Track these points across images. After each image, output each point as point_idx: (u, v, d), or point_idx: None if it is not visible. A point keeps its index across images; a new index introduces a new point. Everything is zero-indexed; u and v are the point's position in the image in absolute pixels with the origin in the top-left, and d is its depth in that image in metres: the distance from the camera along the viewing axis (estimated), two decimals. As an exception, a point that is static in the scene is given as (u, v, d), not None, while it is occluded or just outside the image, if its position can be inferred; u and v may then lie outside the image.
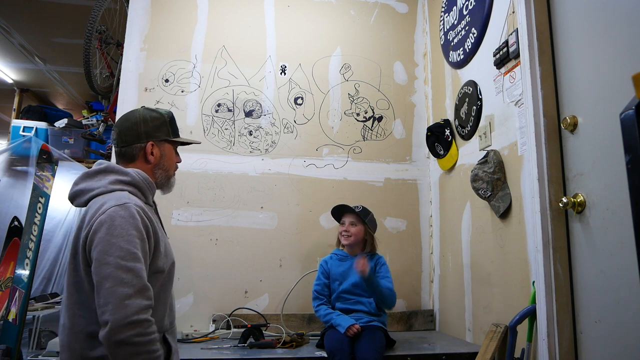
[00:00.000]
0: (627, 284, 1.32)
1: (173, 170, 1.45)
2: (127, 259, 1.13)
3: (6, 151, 2.91)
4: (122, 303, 1.08)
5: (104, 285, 1.10)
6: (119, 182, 1.29)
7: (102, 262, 1.12)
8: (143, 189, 1.33)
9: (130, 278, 1.11)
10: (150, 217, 1.26)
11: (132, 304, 1.09)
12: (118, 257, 1.12)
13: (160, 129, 1.41)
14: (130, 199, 1.23)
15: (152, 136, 1.39)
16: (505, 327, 1.80)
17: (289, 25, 2.86)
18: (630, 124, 0.72)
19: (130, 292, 1.10)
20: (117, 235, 1.14)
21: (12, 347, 1.77)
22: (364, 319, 2.04)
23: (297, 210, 2.67)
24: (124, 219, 1.17)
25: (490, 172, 1.93)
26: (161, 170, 1.40)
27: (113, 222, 1.16)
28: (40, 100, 5.23)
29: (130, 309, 1.08)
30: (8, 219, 2.18)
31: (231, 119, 2.72)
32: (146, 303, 1.12)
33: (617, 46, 1.38)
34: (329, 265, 2.19)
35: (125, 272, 1.11)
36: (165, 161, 1.41)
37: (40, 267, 2.94)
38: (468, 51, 2.28)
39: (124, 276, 1.11)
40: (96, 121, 3.39)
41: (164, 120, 1.43)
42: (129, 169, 1.33)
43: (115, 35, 3.16)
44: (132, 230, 1.16)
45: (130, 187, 1.30)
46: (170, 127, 1.43)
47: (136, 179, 1.31)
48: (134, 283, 1.11)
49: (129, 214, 1.18)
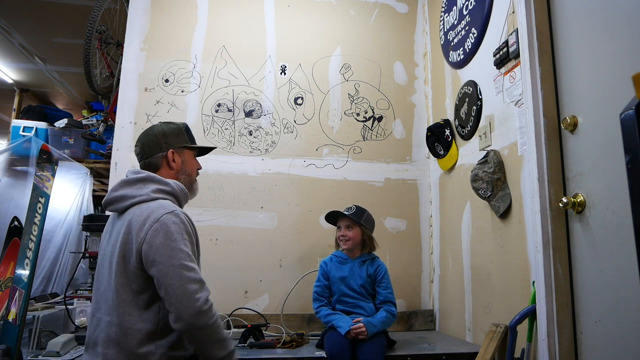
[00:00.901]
0: (627, 284, 1.32)
1: (195, 175, 1.56)
2: (188, 259, 1.28)
3: (6, 151, 2.90)
4: (193, 297, 1.24)
5: (173, 285, 1.25)
6: (161, 191, 1.41)
7: (167, 264, 1.26)
8: (180, 198, 1.46)
9: (194, 276, 1.28)
10: (193, 224, 1.39)
11: (201, 298, 1.26)
12: (180, 259, 1.27)
13: (178, 137, 1.52)
14: (175, 207, 1.37)
15: (172, 144, 1.50)
16: (505, 327, 1.80)
17: (289, 25, 2.87)
18: (630, 124, 0.72)
19: (197, 287, 1.26)
20: (175, 240, 1.29)
21: (12, 347, 1.77)
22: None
23: (297, 210, 2.67)
24: (177, 225, 1.31)
25: (490, 172, 1.93)
26: (184, 176, 1.52)
27: (169, 229, 1.29)
28: (40, 100, 5.23)
29: (200, 302, 1.25)
30: (8, 219, 2.17)
31: (231, 119, 2.72)
32: (207, 294, 1.29)
33: (617, 46, 1.38)
34: (328, 267, 2.19)
35: (189, 271, 1.27)
36: (186, 167, 1.53)
37: (40, 267, 2.93)
38: (468, 51, 2.28)
39: (191, 275, 1.27)
40: (96, 121, 3.39)
41: (181, 129, 1.55)
42: (169, 180, 1.45)
43: (115, 35, 3.16)
44: (186, 235, 1.31)
45: (170, 196, 1.42)
46: (187, 135, 1.55)
47: (175, 189, 1.44)
48: (197, 279, 1.28)
49: (180, 221, 1.32)
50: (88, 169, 3.27)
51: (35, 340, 1.98)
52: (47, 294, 2.69)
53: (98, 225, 2.20)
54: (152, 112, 2.66)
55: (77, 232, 3.13)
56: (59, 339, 1.87)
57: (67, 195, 3.19)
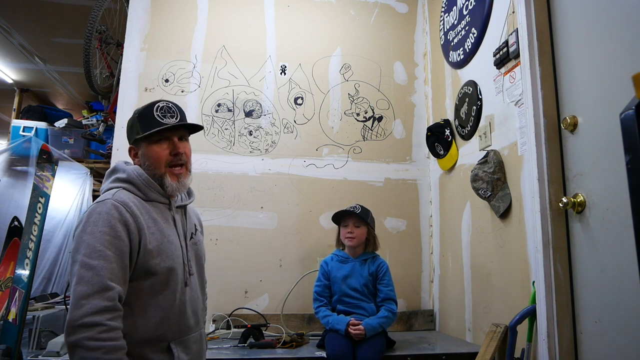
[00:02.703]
0: (627, 284, 1.32)
1: (163, 166, 1.31)
2: (92, 256, 1.10)
3: (6, 151, 2.90)
4: (78, 302, 1.05)
5: (71, 283, 1.09)
6: (117, 179, 1.29)
7: (72, 259, 1.12)
8: (139, 185, 1.28)
9: (90, 276, 1.07)
10: (137, 213, 1.21)
11: (87, 304, 1.04)
12: (84, 254, 1.10)
13: (132, 131, 1.35)
14: (114, 195, 1.21)
15: (130, 140, 1.37)
16: (505, 327, 1.80)
17: (289, 25, 2.86)
18: (630, 124, 0.72)
19: (87, 291, 1.06)
20: (88, 232, 1.13)
21: (12, 347, 1.77)
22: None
23: (297, 210, 2.67)
24: (99, 215, 1.15)
25: (490, 172, 1.93)
26: (149, 170, 1.31)
27: (88, 219, 1.15)
28: (40, 100, 5.23)
29: (84, 310, 1.04)
30: (8, 219, 2.17)
31: (231, 119, 2.72)
32: (104, 304, 1.05)
33: (617, 46, 1.38)
34: (329, 267, 2.19)
35: (87, 270, 1.08)
36: (147, 160, 1.32)
37: (40, 267, 2.93)
38: (468, 51, 2.28)
39: (85, 274, 1.08)
40: (96, 121, 3.39)
41: (134, 120, 1.35)
42: (129, 167, 1.32)
43: (115, 35, 3.16)
44: (104, 227, 1.13)
45: (126, 184, 1.28)
46: (139, 124, 1.32)
47: (132, 176, 1.29)
48: (93, 282, 1.07)
49: (105, 210, 1.16)
50: (88, 169, 3.27)
51: (35, 340, 1.99)
52: (47, 294, 2.69)
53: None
54: (152, 112, 2.65)
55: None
56: (59, 339, 1.87)
57: (67, 195, 3.19)
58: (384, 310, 2.03)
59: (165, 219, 1.30)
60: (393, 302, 2.08)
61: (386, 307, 2.05)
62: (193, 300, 1.32)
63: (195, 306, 1.33)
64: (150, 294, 1.20)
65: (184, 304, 1.27)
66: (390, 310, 2.04)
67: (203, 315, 1.41)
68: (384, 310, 2.04)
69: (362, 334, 1.91)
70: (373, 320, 1.98)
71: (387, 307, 2.05)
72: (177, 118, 1.35)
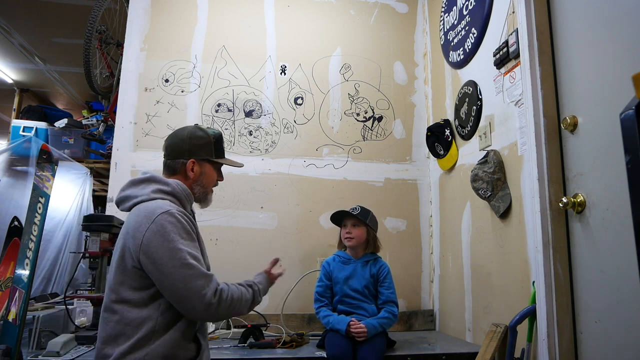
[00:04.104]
0: (627, 284, 1.32)
1: (211, 187, 1.53)
2: (188, 258, 1.27)
3: (6, 151, 2.90)
4: (200, 294, 1.25)
5: (177, 286, 1.24)
6: (160, 191, 1.39)
7: (169, 266, 1.25)
8: (181, 199, 1.42)
9: (197, 272, 1.27)
10: (192, 221, 1.38)
11: (207, 293, 1.26)
12: (180, 259, 1.26)
13: (203, 148, 1.49)
14: (172, 206, 1.34)
15: (195, 154, 1.48)
16: (505, 327, 1.80)
17: (289, 25, 2.87)
18: (630, 124, 0.72)
19: (202, 283, 1.27)
20: (172, 240, 1.27)
21: (12, 347, 1.77)
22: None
23: (297, 210, 2.67)
24: (173, 225, 1.29)
25: (490, 172, 1.93)
26: (199, 187, 1.49)
27: (165, 229, 1.28)
28: (40, 100, 5.23)
29: (208, 297, 1.26)
30: (8, 219, 2.17)
31: (231, 119, 2.72)
32: (215, 285, 1.30)
33: (617, 46, 1.38)
34: (331, 267, 2.19)
35: (191, 269, 1.26)
36: (204, 179, 1.49)
37: (40, 267, 2.93)
38: (468, 51, 2.28)
39: (191, 272, 1.26)
40: (96, 121, 3.39)
41: (209, 140, 1.50)
42: (170, 180, 1.43)
43: (115, 35, 3.16)
44: (184, 233, 1.30)
45: (170, 197, 1.40)
46: (214, 148, 1.51)
47: (176, 190, 1.41)
48: (200, 274, 1.27)
49: (176, 220, 1.30)
50: (88, 169, 3.27)
51: (35, 340, 1.98)
52: (47, 294, 2.69)
53: (98, 226, 2.20)
54: (152, 112, 2.66)
55: (77, 232, 3.12)
56: (59, 339, 1.87)
57: (67, 195, 3.18)
58: (384, 312, 2.03)
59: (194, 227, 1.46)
60: (394, 305, 2.08)
61: (387, 309, 2.05)
62: None
63: None
64: None
65: None
66: (391, 312, 2.04)
67: None
68: (384, 312, 2.04)
69: (364, 333, 1.90)
70: (374, 320, 1.98)
71: (388, 309, 2.05)
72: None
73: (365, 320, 1.96)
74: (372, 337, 1.93)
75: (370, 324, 1.94)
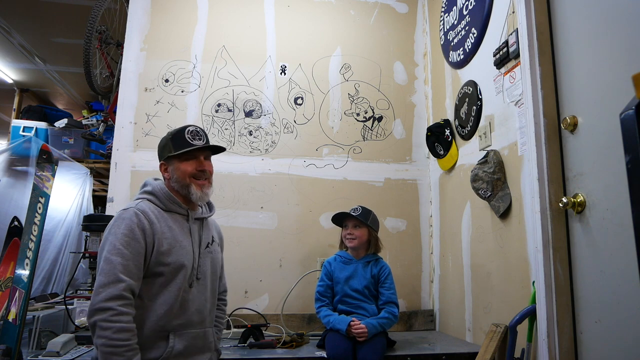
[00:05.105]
0: (627, 284, 1.32)
1: (187, 179, 1.54)
2: (112, 252, 1.32)
3: (6, 151, 2.90)
4: (97, 290, 1.28)
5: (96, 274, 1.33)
6: (145, 192, 1.54)
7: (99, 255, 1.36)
8: (160, 197, 1.52)
9: (108, 269, 1.30)
10: (154, 220, 1.44)
11: (103, 292, 1.27)
12: (107, 250, 1.34)
13: (165, 148, 1.57)
14: (137, 205, 1.44)
15: (161, 157, 1.60)
16: (505, 327, 1.80)
17: (289, 25, 2.86)
18: (630, 124, 0.72)
19: (104, 281, 1.29)
20: (112, 233, 1.37)
21: (12, 347, 1.77)
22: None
23: (297, 210, 2.67)
24: (121, 220, 1.39)
25: (490, 172, 1.93)
26: (176, 183, 1.55)
27: (114, 223, 1.39)
28: (40, 100, 5.23)
29: (100, 296, 1.26)
30: (8, 219, 2.17)
31: (231, 119, 2.72)
32: (116, 293, 1.27)
33: (617, 46, 1.38)
34: (332, 267, 2.19)
35: (106, 264, 1.31)
36: (176, 174, 1.55)
37: (40, 267, 2.93)
38: (468, 51, 2.28)
39: (105, 267, 1.31)
40: (96, 121, 3.39)
41: (167, 139, 1.58)
42: (156, 182, 1.57)
43: (115, 35, 3.16)
44: (124, 230, 1.36)
45: (149, 196, 1.52)
46: (172, 144, 1.55)
47: (155, 189, 1.53)
48: (110, 274, 1.29)
49: (127, 216, 1.39)
50: (88, 169, 3.27)
51: (35, 340, 1.98)
52: (47, 294, 2.69)
53: (98, 225, 2.20)
54: (152, 112, 2.66)
55: (77, 232, 3.13)
56: (59, 339, 1.87)
57: (67, 195, 3.18)
58: (385, 312, 2.04)
59: (181, 227, 1.51)
60: (395, 306, 2.08)
61: (387, 309, 2.05)
62: (198, 301, 1.50)
63: (201, 306, 1.51)
64: (158, 290, 1.41)
65: (187, 302, 1.46)
66: (392, 313, 2.04)
67: (211, 317, 1.59)
68: (385, 312, 2.04)
69: (365, 333, 1.90)
70: (374, 320, 1.98)
71: (389, 310, 2.05)
72: (203, 141, 1.57)
73: (366, 320, 1.97)
74: (372, 337, 1.93)
75: (370, 324, 1.94)
